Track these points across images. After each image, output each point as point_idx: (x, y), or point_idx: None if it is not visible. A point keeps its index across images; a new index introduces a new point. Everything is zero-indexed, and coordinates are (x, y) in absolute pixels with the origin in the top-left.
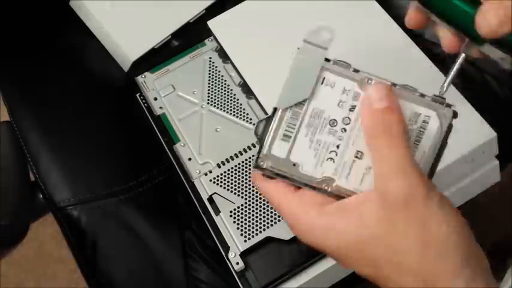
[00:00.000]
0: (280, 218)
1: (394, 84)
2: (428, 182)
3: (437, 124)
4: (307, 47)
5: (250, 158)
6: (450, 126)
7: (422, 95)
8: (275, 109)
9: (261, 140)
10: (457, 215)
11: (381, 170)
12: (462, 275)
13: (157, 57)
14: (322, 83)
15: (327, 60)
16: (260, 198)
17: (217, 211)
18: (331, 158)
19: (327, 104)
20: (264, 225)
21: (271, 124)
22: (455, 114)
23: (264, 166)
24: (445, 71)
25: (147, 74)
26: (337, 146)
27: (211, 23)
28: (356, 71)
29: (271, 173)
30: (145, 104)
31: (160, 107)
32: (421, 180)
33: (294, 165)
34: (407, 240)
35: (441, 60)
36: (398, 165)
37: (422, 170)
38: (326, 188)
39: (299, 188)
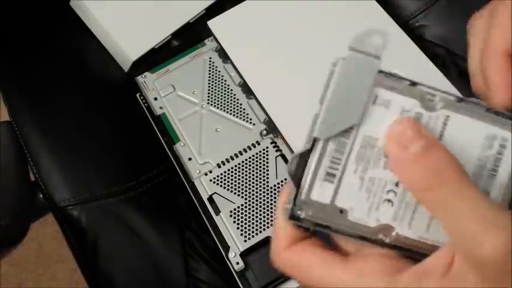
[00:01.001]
0: None
1: (460, 99)
2: None
3: None
4: (354, 57)
5: (250, 158)
6: None
7: (497, 112)
8: (314, 140)
9: (298, 182)
10: None
11: (460, 229)
12: None
13: (157, 57)
14: (374, 103)
15: (380, 72)
16: (260, 198)
17: (217, 211)
18: (389, 200)
19: (381, 130)
20: (264, 225)
21: (310, 160)
22: None
23: (303, 216)
24: (445, 71)
25: (147, 74)
26: (396, 184)
27: (211, 23)
28: (414, 84)
29: (311, 224)
30: (146, 104)
31: (161, 107)
32: None
33: (341, 212)
34: None
35: (441, 60)
36: (481, 219)
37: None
38: (383, 238)
39: (346, 254)
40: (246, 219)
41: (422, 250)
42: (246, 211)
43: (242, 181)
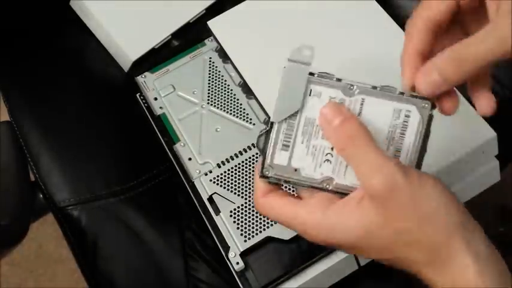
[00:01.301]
0: None
1: (374, 87)
2: (403, 168)
3: (418, 117)
4: (292, 65)
5: (250, 158)
6: (430, 117)
7: (402, 93)
8: (272, 123)
9: (263, 151)
10: (442, 190)
11: (361, 172)
12: (460, 236)
13: (157, 57)
14: (310, 95)
15: (311, 74)
16: None
17: (217, 211)
18: (328, 160)
19: (316, 113)
20: (264, 225)
21: (271, 137)
22: (433, 105)
23: (269, 175)
24: None
25: (147, 74)
26: (332, 149)
27: (211, 23)
28: (339, 80)
29: (276, 180)
30: (146, 104)
31: (161, 107)
32: (397, 169)
33: (296, 170)
34: (404, 222)
35: None
36: (371, 164)
37: (410, 158)
38: (327, 186)
39: (300, 199)
40: (246, 219)
41: None
42: (246, 211)
43: (242, 181)
